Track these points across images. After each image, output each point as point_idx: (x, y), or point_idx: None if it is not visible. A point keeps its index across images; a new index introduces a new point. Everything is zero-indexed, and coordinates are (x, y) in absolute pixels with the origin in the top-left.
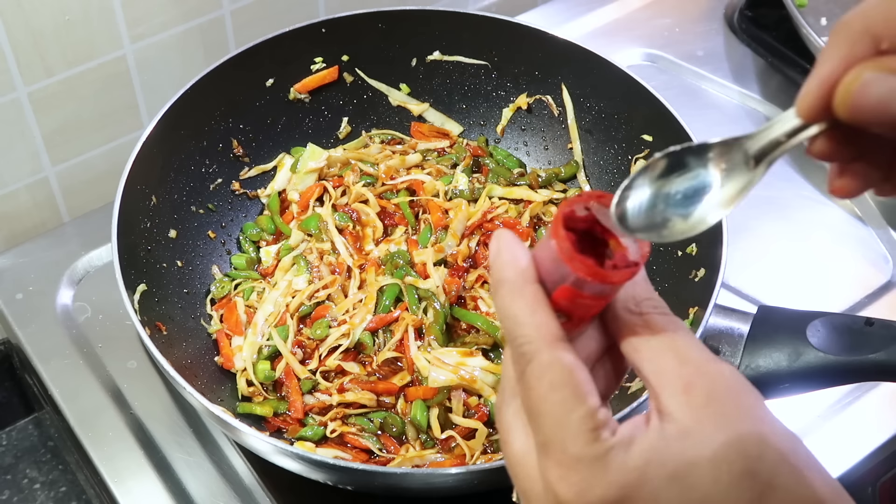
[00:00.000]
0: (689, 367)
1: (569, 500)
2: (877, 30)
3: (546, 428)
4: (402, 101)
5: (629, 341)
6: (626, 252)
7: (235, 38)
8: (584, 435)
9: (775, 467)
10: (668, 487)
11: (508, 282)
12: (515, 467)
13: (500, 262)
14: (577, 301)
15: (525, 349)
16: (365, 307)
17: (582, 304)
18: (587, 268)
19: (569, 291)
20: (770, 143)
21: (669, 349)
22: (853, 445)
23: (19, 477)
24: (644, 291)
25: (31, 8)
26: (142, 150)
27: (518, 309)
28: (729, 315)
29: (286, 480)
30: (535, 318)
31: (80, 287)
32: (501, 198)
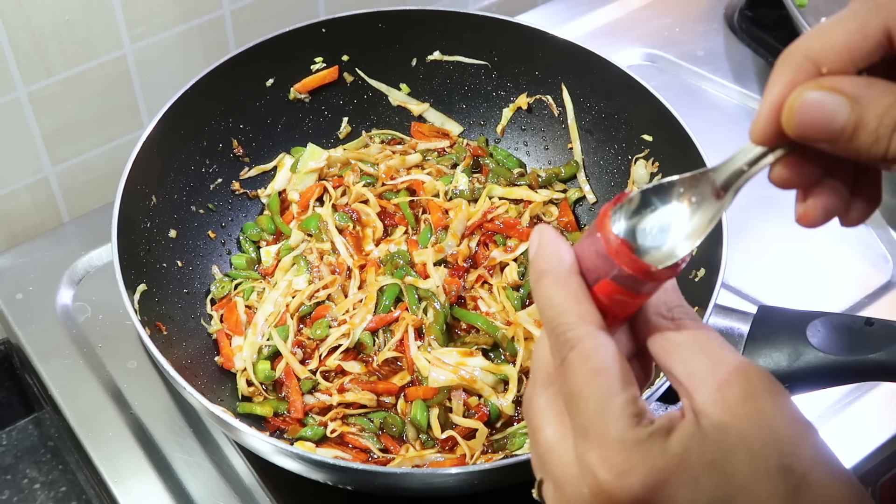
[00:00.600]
0: (722, 366)
1: (608, 481)
2: (816, 56)
3: (588, 412)
4: (402, 101)
5: (660, 345)
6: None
7: (235, 38)
8: (626, 419)
9: (810, 464)
10: (707, 475)
11: (552, 272)
12: (548, 454)
13: (544, 254)
14: (615, 297)
15: (569, 335)
16: (365, 307)
17: (619, 300)
18: (633, 262)
19: (609, 286)
20: (734, 173)
21: (702, 351)
22: (853, 445)
23: (19, 477)
24: (675, 299)
25: (31, 8)
26: (142, 150)
27: (562, 298)
28: (729, 315)
29: (286, 480)
30: (579, 307)
31: (80, 287)
32: (501, 198)
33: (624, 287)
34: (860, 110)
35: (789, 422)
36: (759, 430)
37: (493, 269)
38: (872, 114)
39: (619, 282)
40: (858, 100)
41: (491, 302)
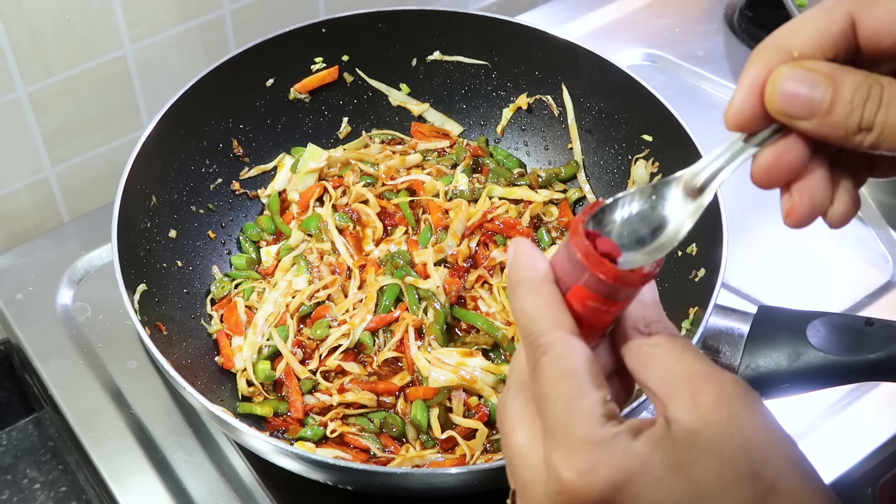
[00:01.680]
0: (696, 377)
1: (571, 480)
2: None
3: (556, 413)
4: (402, 101)
5: (637, 359)
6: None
7: (235, 38)
8: (591, 419)
9: (780, 472)
10: (672, 477)
11: (526, 282)
12: (516, 458)
13: (519, 265)
14: (589, 304)
15: (541, 340)
16: (365, 307)
17: (593, 308)
18: (603, 266)
19: (582, 292)
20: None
21: (677, 362)
22: (853, 445)
23: (19, 477)
24: (654, 314)
25: (31, 8)
26: (142, 150)
27: (535, 305)
28: (729, 315)
29: (286, 480)
30: (551, 313)
31: (80, 287)
32: (501, 198)
33: (596, 293)
34: (836, 85)
35: (762, 429)
36: (731, 436)
37: (493, 270)
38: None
39: (591, 287)
40: (833, 77)
41: (491, 302)
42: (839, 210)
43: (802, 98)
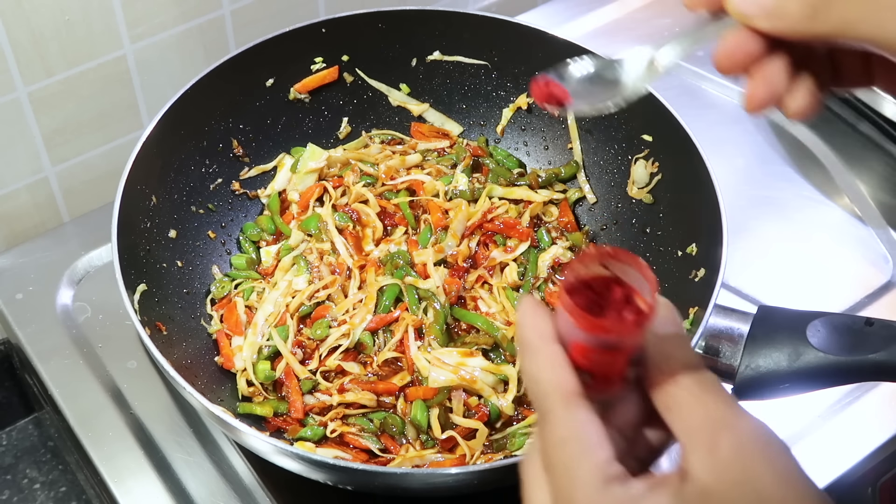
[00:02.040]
0: (716, 424)
1: None
2: None
3: (558, 480)
4: (402, 101)
5: (662, 401)
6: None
7: (235, 38)
8: (590, 485)
9: None
10: None
11: (529, 343)
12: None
13: (523, 326)
14: (591, 356)
15: (542, 405)
16: (365, 307)
17: (597, 359)
18: (585, 320)
19: (582, 348)
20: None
21: (699, 405)
22: (853, 445)
23: (19, 477)
24: (676, 349)
25: (31, 8)
26: (142, 150)
27: (537, 368)
28: (729, 315)
29: (286, 480)
30: (551, 375)
31: (80, 287)
32: (501, 198)
33: (594, 346)
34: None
35: (780, 486)
36: (744, 495)
37: (493, 270)
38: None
39: (588, 342)
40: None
41: (491, 302)
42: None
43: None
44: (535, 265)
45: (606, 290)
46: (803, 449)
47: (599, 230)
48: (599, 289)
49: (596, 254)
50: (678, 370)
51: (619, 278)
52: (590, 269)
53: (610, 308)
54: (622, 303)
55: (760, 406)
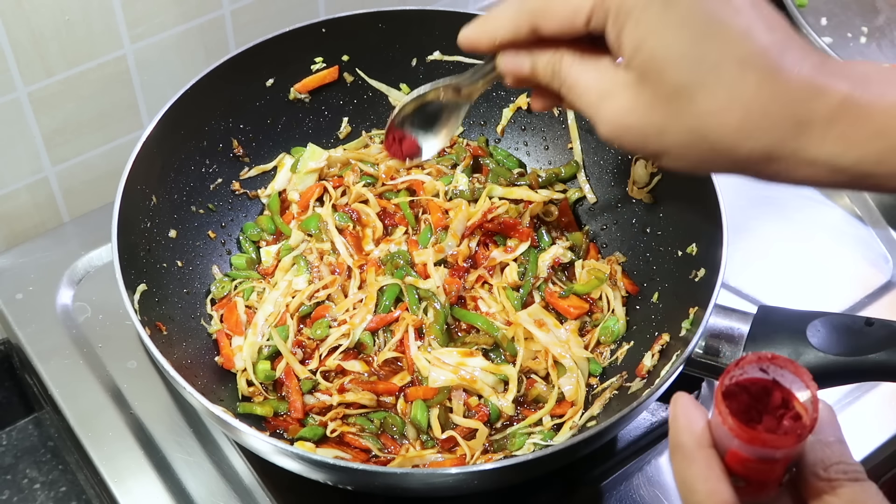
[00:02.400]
0: None
1: None
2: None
3: None
4: None
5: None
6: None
7: (235, 38)
8: None
9: None
10: None
11: (683, 447)
12: None
13: (677, 427)
14: (748, 465)
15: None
16: (365, 307)
17: (754, 468)
18: (745, 433)
19: (738, 456)
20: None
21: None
22: (853, 445)
23: (19, 477)
24: (835, 455)
25: (31, 8)
26: (142, 150)
27: (692, 474)
28: (729, 315)
29: (286, 480)
30: (707, 485)
31: (80, 287)
32: (501, 198)
33: (752, 456)
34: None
35: None
36: None
37: (493, 270)
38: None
39: (745, 451)
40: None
41: (491, 302)
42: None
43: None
44: (536, 265)
45: (764, 394)
46: None
47: (599, 230)
48: (756, 392)
49: (755, 357)
50: (838, 479)
51: (776, 382)
52: (747, 373)
53: (767, 412)
54: (780, 407)
55: None
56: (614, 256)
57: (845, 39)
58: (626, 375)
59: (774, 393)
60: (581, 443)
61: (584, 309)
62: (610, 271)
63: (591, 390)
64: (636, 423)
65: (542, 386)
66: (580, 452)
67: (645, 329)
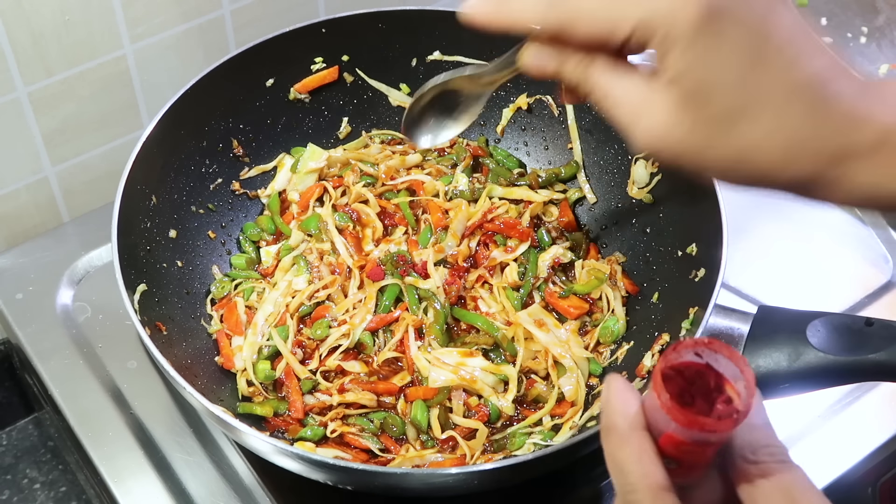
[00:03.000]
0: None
1: None
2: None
3: None
4: (402, 101)
5: (747, 492)
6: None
7: (235, 38)
8: None
9: None
10: None
11: (616, 429)
12: None
13: (610, 409)
14: (682, 448)
15: (630, 497)
16: (365, 307)
17: (688, 450)
18: (684, 417)
19: (672, 439)
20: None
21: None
22: (853, 445)
23: (19, 477)
24: (763, 438)
25: (31, 8)
26: (142, 150)
27: (624, 456)
28: (729, 315)
29: (286, 480)
30: (639, 467)
31: (80, 287)
32: (501, 198)
33: (687, 439)
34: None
35: None
36: None
37: (494, 270)
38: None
39: (680, 434)
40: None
41: (491, 302)
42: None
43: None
44: (536, 265)
45: (697, 378)
46: (803, 449)
47: (599, 230)
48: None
49: (692, 342)
50: (766, 462)
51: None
52: (682, 357)
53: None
54: (713, 391)
55: None
56: (614, 256)
57: (845, 39)
58: (627, 375)
59: (708, 377)
60: (581, 443)
61: (584, 309)
62: (610, 271)
63: (591, 390)
64: None
65: (542, 386)
66: (580, 452)
67: (645, 329)
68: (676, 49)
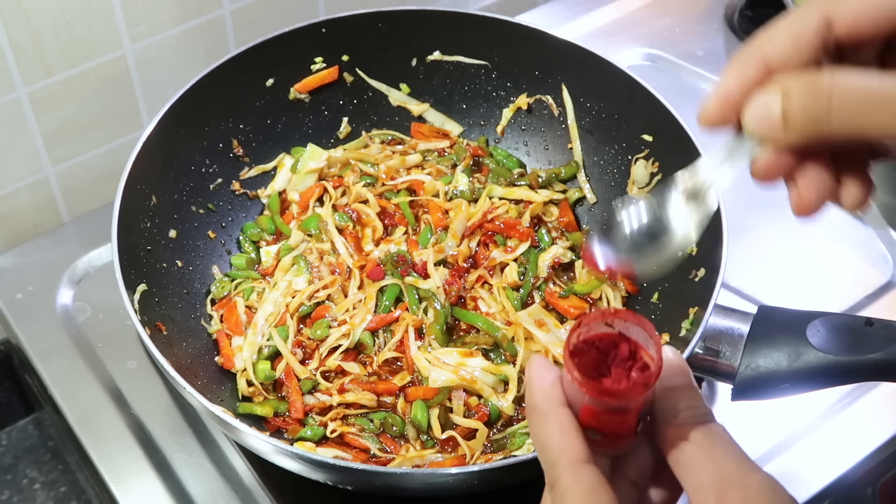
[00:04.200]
0: (723, 480)
1: None
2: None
3: None
4: (402, 101)
5: (672, 456)
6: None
7: (235, 38)
8: None
9: None
10: None
11: (537, 407)
12: None
13: (531, 388)
14: (601, 418)
15: (552, 472)
16: (365, 307)
17: (606, 420)
18: (594, 388)
19: (590, 411)
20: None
21: (707, 461)
22: (853, 445)
23: (19, 477)
24: (683, 400)
25: (31, 8)
26: (142, 150)
27: (546, 433)
28: (729, 315)
29: (286, 480)
30: (560, 442)
31: (80, 287)
32: (501, 198)
33: (602, 409)
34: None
35: None
36: None
37: (494, 270)
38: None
39: (595, 405)
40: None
41: (491, 302)
42: (852, 194)
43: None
44: (536, 265)
45: (612, 348)
46: (803, 449)
47: (599, 230)
48: (604, 347)
49: (599, 314)
50: (687, 424)
51: (623, 335)
52: (593, 329)
53: (616, 365)
54: (628, 359)
55: (761, 406)
56: None
57: None
58: None
59: (621, 346)
60: None
61: (584, 309)
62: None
63: None
64: None
65: None
66: None
67: None
68: None
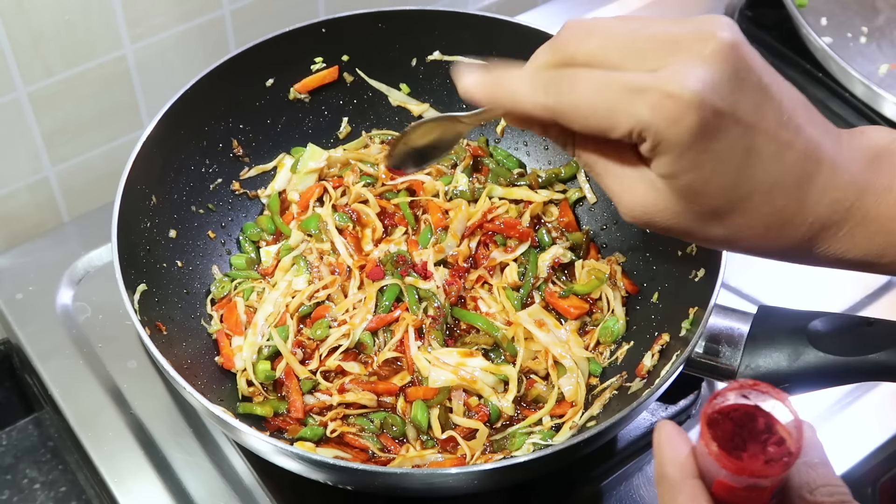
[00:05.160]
0: None
1: None
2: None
3: None
4: (402, 101)
5: None
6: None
7: (235, 38)
8: None
9: None
10: None
11: (669, 478)
12: None
13: (662, 457)
14: (736, 494)
15: None
16: (365, 307)
17: (741, 496)
18: (734, 464)
19: (725, 486)
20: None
21: None
22: (853, 445)
23: (19, 477)
24: (821, 477)
25: (31, 8)
26: (142, 150)
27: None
28: (729, 315)
29: (286, 480)
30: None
31: (80, 287)
32: (501, 198)
33: (739, 485)
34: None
35: None
36: None
37: (494, 270)
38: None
39: (732, 481)
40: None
41: (491, 302)
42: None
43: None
44: (536, 265)
45: (747, 420)
46: None
47: (599, 230)
48: (739, 419)
49: (736, 385)
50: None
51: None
52: (728, 400)
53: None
54: (764, 433)
55: None
56: (614, 256)
57: (845, 39)
58: (626, 375)
59: (758, 419)
60: (581, 443)
61: (584, 309)
62: (610, 271)
63: (591, 390)
64: (636, 423)
65: (542, 386)
66: (580, 452)
67: (645, 329)
68: (669, 156)
